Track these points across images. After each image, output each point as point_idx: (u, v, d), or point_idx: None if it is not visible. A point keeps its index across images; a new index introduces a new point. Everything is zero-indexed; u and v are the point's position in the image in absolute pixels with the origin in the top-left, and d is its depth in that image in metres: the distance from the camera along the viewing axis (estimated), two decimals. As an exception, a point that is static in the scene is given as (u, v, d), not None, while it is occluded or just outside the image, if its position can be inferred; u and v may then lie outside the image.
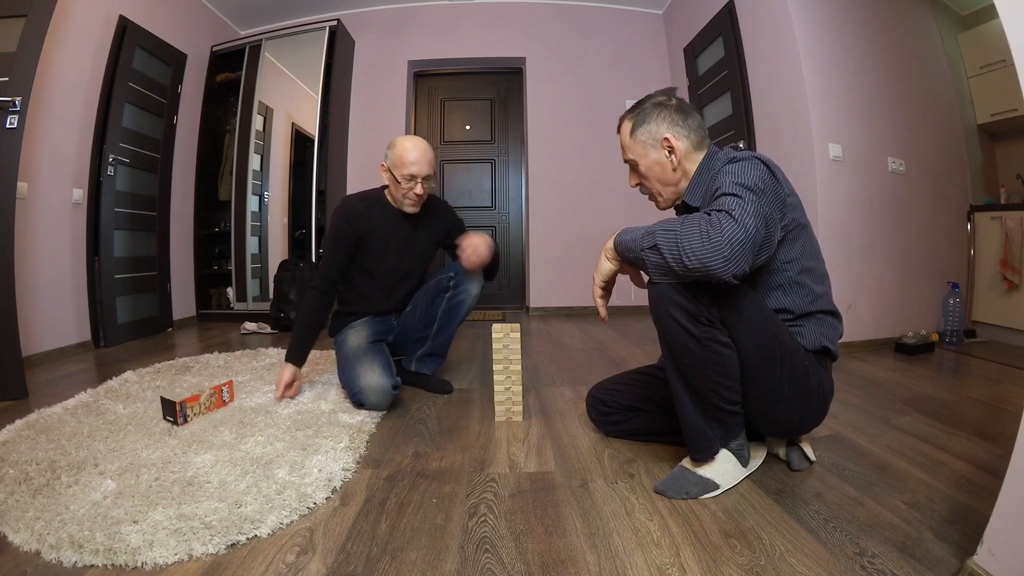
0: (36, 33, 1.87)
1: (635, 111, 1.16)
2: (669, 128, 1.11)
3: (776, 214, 0.95)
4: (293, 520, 0.95)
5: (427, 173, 1.62)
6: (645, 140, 1.13)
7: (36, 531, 0.90)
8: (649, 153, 1.13)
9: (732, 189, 0.91)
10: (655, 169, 1.14)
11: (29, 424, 1.44)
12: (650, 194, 1.20)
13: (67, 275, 2.54)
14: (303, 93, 3.61)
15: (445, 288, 1.75)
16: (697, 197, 1.10)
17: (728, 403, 1.02)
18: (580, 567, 0.82)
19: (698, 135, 1.12)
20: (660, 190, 1.16)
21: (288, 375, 1.65)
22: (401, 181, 1.61)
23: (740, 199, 0.89)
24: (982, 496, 1.01)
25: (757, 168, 0.96)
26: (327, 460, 1.19)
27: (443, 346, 1.82)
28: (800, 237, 1.04)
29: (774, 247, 0.96)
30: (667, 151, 1.12)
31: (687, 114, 1.12)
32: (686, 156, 1.12)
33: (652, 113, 1.13)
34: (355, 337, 1.70)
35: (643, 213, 3.84)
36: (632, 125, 1.15)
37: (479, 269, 1.71)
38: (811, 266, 1.07)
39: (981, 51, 2.81)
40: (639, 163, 1.15)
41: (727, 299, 0.96)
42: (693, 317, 0.96)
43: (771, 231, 0.93)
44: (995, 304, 2.62)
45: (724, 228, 0.85)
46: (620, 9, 3.98)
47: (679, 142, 1.11)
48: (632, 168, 1.19)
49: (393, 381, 1.56)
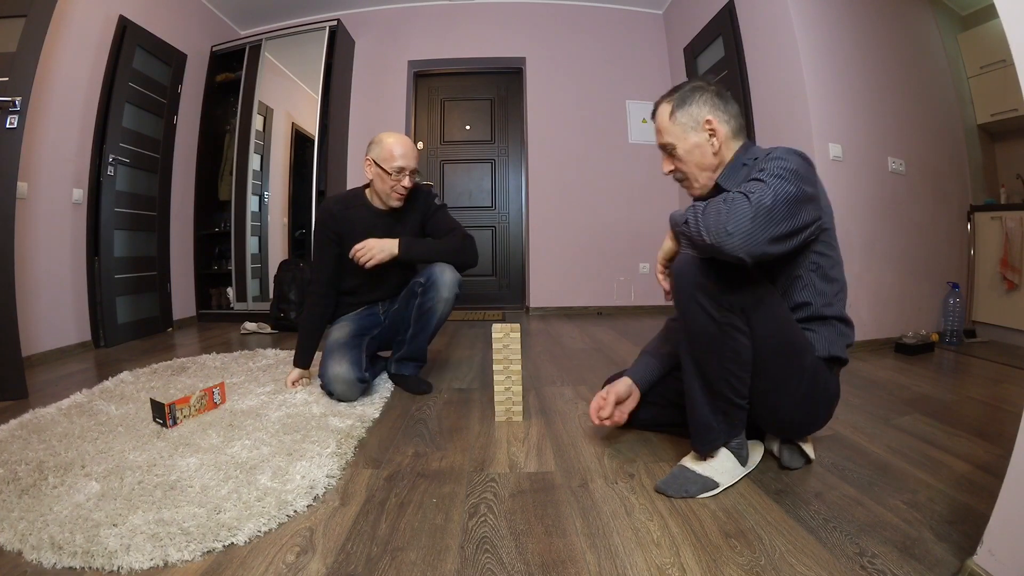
0: (36, 33, 1.87)
1: (673, 94, 1.13)
2: (711, 111, 1.09)
3: (810, 207, 0.93)
4: (272, 528, 0.94)
5: (414, 167, 1.67)
6: (685, 122, 1.10)
7: (19, 531, 0.90)
8: (689, 136, 1.11)
9: (761, 176, 0.91)
10: (695, 153, 1.11)
11: (23, 424, 1.44)
12: (684, 179, 1.16)
13: (67, 275, 2.54)
14: (303, 93, 3.61)
15: (415, 294, 1.76)
16: (733, 183, 1.07)
17: (737, 395, 1.02)
18: (580, 567, 0.82)
19: (738, 122, 1.11)
20: (697, 175, 1.13)
21: (295, 375, 1.79)
22: (392, 173, 1.64)
23: (764, 183, 0.89)
24: (982, 496, 1.01)
25: (797, 160, 0.95)
26: (311, 466, 1.17)
27: (419, 350, 1.82)
28: (825, 240, 1.03)
29: (799, 239, 0.94)
30: (708, 133, 1.09)
31: (727, 100, 1.11)
32: (726, 141, 1.10)
33: (693, 95, 1.10)
34: (338, 331, 1.77)
35: (643, 213, 3.86)
36: (672, 108, 1.12)
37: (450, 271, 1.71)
38: (834, 275, 1.06)
39: (981, 51, 2.81)
40: (677, 146, 1.12)
41: (749, 288, 0.97)
42: (715, 301, 0.96)
43: (797, 224, 0.90)
44: (995, 304, 2.62)
45: (736, 206, 0.86)
46: (620, 9, 3.99)
47: (721, 126, 1.09)
48: (668, 153, 1.15)
49: (359, 375, 1.61)
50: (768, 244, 0.87)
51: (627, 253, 3.86)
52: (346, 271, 1.78)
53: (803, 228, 0.93)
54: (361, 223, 1.73)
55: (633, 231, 3.85)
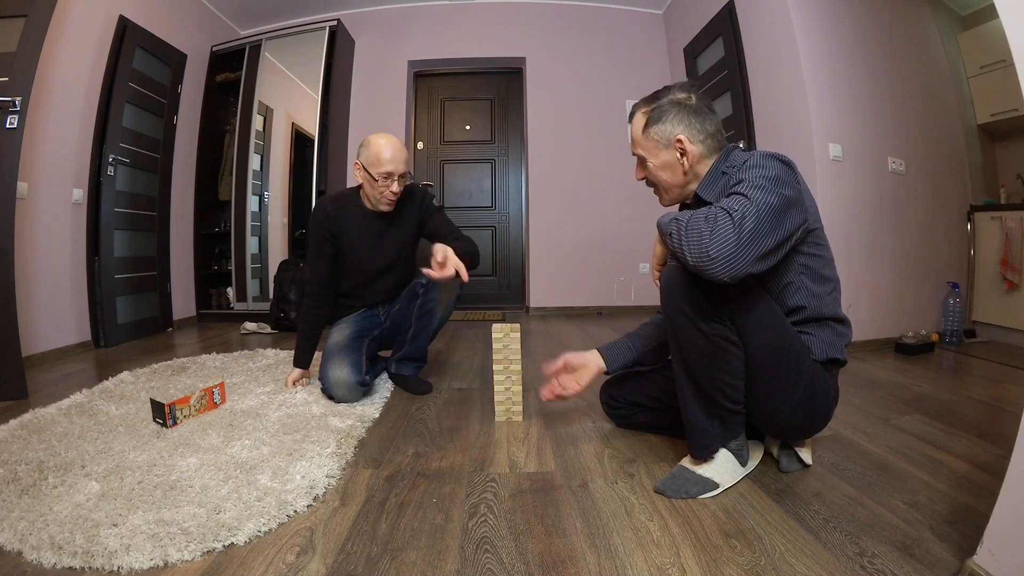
0: (36, 33, 1.87)
1: (651, 104, 1.10)
2: (685, 130, 1.06)
3: (794, 211, 0.91)
4: (272, 528, 0.94)
5: (403, 171, 1.63)
6: (658, 139, 1.08)
7: (19, 531, 0.90)
8: (660, 153, 1.09)
9: (741, 188, 0.89)
10: (664, 170, 1.11)
11: (23, 424, 1.44)
12: (655, 188, 1.17)
13: (67, 275, 2.54)
14: (303, 93, 3.61)
15: (416, 295, 1.76)
16: (713, 192, 1.07)
17: (732, 402, 1.02)
18: (580, 567, 0.82)
19: (715, 140, 1.08)
20: (668, 187, 1.13)
21: (295, 376, 1.79)
22: (378, 179, 1.61)
23: (746, 199, 0.87)
24: (982, 496, 1.01)
25: (775, 165, 0.93)
26: (311, 466, 1.17)
27: (419, 350, 1.82)
28: (812, 240, 1.03)
29: (785, 249, 0.93)
30: (679, 153, 1.08)
31: (705, 117, 1.07)
32: (698, 161, 1.08)
33: (668, 112, 1.07)
34: (337, 333, 1.76)
35: (643, 213, 3.86)
36: (646, 121, 1.10)
37: None
38: (826, 274, 1.05)
39: (981, 51, 2.81)
40: (648, 160, 1.12)
41: (738, 297, 0.96)
42: (703, 313, 0.95)
43: (783, 235, 0.89)
44: (995, 304, 2.62)
45: (718, 229, 0.83)
46: (620, 9, 3.99)
47: (692, 146, 1.06)
48: (640, 162, 1.15)
49: (360, 378, 1.61)
50: (753, 264, 0.85)
51: (627, 253, 3.86)
52: (343, 272, 1.77)
53: (789, 237, 0.91)
54: (355, 225, 1.73)
55: (633, 231, 3.84)
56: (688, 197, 1.14)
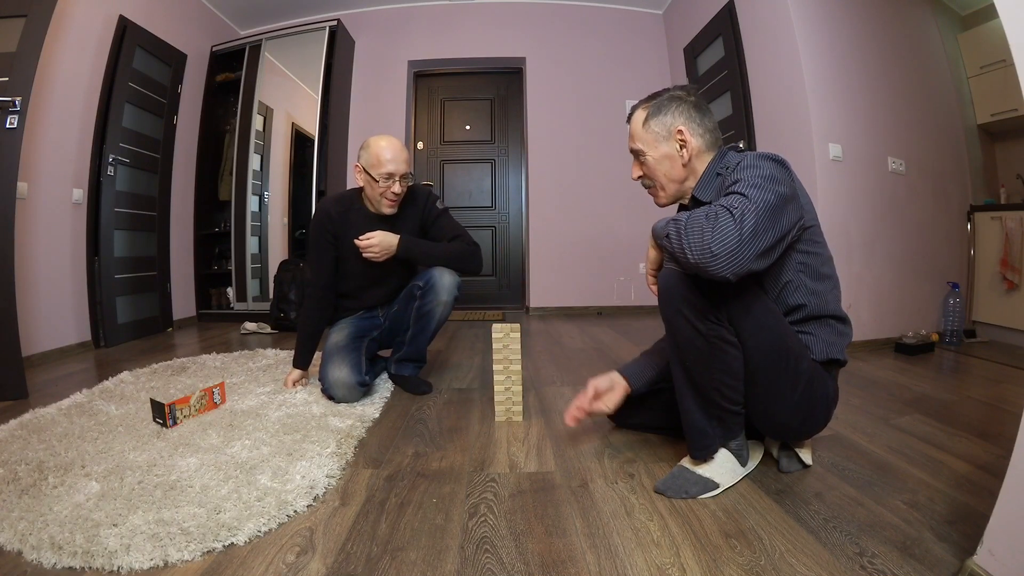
0: (36, 33, 1.87)
1: (650, 100, 1.12)
2: (685, 122, 1.08)
3: (789, 207, 0.92)
4: (272, 528, 0.94)
5: (404, 171, 1.63)
6: (658, 131, 1.09)
7: (19, 531, 0.90)
8: (660, 146, 1.10)
9: (738, 188, 0.90)
10: (664, 163, 1.11)
11: (23, 424, 1.44)
12: (651, 186, 1.16)
13: (67, 275, 2.54)
14: (303, 93, 3.61)
15: (414, 296, 1.76)
16: (709, 193, 1.07)
17: (730, 403, 1.02)
18: (580, 567, 0.82)
19: (713, 136, 1.10)
20: (664, 184, 1.13)
21: (295, 376, 1.79)
22: (379, 180, 1.61)
23: (745, 198, 0.87)
24: (982, 496, 1.01)
25: (769, 165, 0.94)
26: (311, 466, 1.17)
27: (418, 351, 1.82)
28: (808, 238, 1.03)
29: (783, 249, 0.94)
30: (679, 144, 1.08)
31: (704, 113, 1.10)
32: (697, 155, 1.09)
33: (669, 105, 1.09)
34: (337, 334, 1.77)
35: (643, 213, 3.86)
36: (646, 115, 1.11)
37: (448, 276, 1.71)
38: (825, 271, 1.05)
39: (981, 51, 2.81)
40: (647, 154, 1.11)
41: (736, 298, 0.96)
42: (701, 314, 0.95)
43: (780, 232, 0.90)
44: (995, 304, 2.62)
45: (720, 226, 0.84)
46: (620, 9, 3.99)
47: (693, 139, 1.08)
48: (637, 158, 1.14)
49: (360, 378, 1.62)
50: (754, 261, 0.86)
51: (627, 253, 3.86)
52: (344, 273, 1.77)
53: (786, 233, 0.92)
54: (357, 227, 1.71)
55: (633, 231, 3.84)
56: (684, 196, 1.15)
